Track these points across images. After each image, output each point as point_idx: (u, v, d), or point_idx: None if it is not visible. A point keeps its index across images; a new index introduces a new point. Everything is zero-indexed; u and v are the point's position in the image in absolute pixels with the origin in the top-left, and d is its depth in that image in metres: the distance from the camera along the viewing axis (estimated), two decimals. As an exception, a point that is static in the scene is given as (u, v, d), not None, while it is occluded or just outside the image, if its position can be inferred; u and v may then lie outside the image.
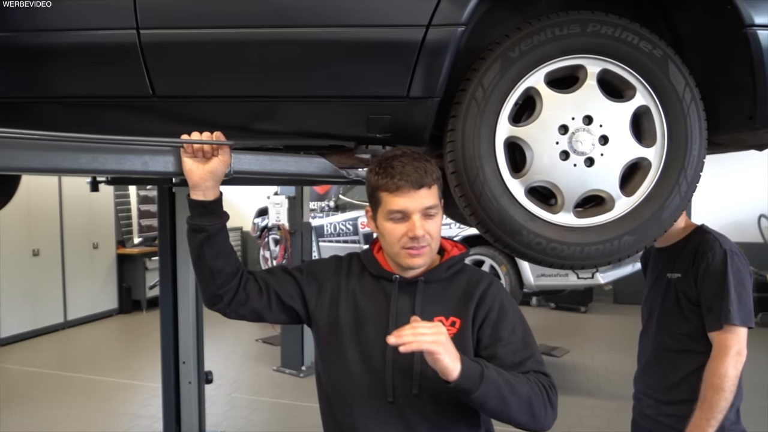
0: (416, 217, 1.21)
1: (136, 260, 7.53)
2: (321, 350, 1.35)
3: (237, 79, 1.44)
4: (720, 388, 1.58)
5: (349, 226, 5.68)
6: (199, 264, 1.27)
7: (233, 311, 1.32)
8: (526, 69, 1.41)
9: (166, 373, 3.50)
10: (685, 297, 1.71)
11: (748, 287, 1.63)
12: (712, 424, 1.59)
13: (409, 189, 1.21)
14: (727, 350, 1.59)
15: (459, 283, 1.32)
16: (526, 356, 1.22)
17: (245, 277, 1.32)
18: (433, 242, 1.26)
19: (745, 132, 1.55)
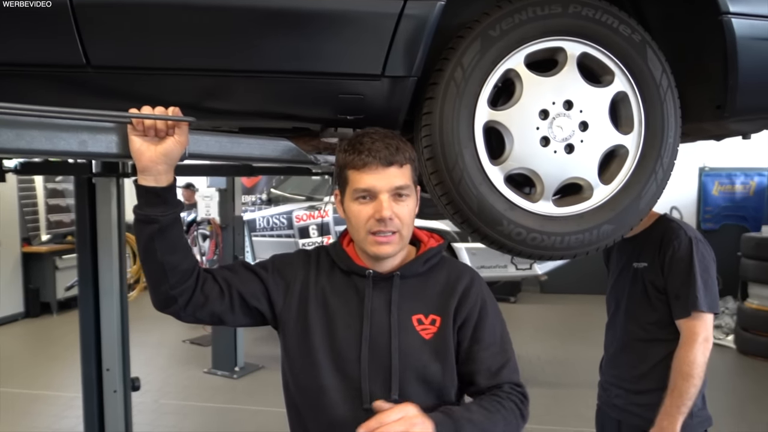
0: (384, 197, 1.11)
1: (45, 259, 6.89)
2: (289, 355, 1.21)
3: (187, 49, 1.26)
4: (689, 375, 1.60)
5: (284, 219, 5.46)
6: (149, 260, 1.10)
7: (189, 315, 1.16)
8: (506, 49, 1.33)
9: (87, 382, 3.19)
10: (652, 286, 1.71)
11: (713, 274, 1.65)
12: (682, 411, 1.60)
13: (377, 166, 1.10)
14: (695, 337, 1.61)
15: (438, 277, 1.22)
16: (503, 362, 1.17)
17: (202, 276, 1.16)
18: (404, 229, 1.14)
19: (710, 121, 1.57)
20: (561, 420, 3.72)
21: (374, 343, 1.14)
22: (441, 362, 1.15)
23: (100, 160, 2.78)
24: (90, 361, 3.19)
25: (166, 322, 6.55)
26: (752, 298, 5.41)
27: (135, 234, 1.09)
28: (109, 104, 1.13)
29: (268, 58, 1.26)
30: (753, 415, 3.88)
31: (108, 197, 3.19)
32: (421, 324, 1.16)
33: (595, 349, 5.78)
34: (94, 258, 3.19)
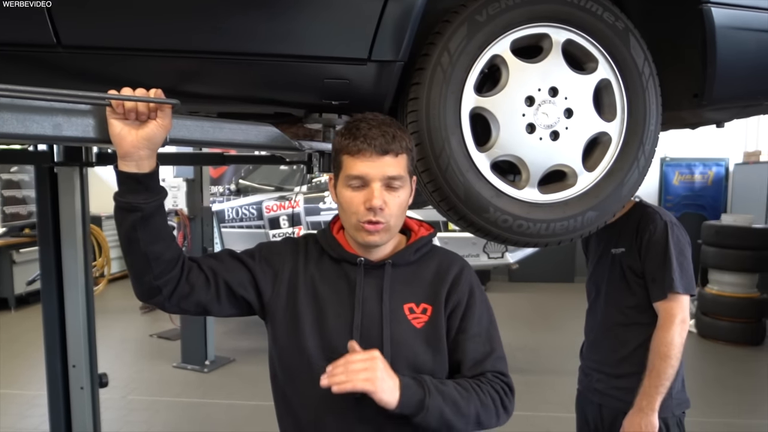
0: (376, 185, 1.09)
1: (1, 253, 6.61)
2: (278, 345, 1.18)
3: (164, 29, 1.20)
4: (667, 355, 1.64)
5: (253, 210, 5.37)
6: (132, 250, 1.05)
7: (174, 305, 1.12)
8: (493, 35, 1.32)
9: (52, 379, 3.08)
10: (630, 270, 1.75)
11: (688, 256, 1.69)
12: (660, 391, 1.64)
13: (371, 153, 1.08)
14: (672, 318, 1.65)
15: (429, 266, 1.21)
16: (488, 352, 1.16)
17: (187, 265, 1.12)
18: (393, 219, 1.13)
19: (688, 110, 1.60)
20: (532, 406, 3.78)
21: (365, 332, 1.12)
22: (432, 351, 1.14)
23: (76, 144, 2.66)
24: (55, 358, 3.08)
25: (131, 316, 6.41)
26: (712, 284, 5.60)
27: (116, 222, 1.04)
28: (82, 88, 1.06)
29: (251, 39, 1.21)
30: (716, 396, 4.03)
31: (71, 187, 3.07)
32: (413, 313, 1.15)
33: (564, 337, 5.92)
34: (57, 251, 3.07)
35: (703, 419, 3.54)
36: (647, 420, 1.65)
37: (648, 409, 1.65)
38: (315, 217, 5.17)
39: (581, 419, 1.95)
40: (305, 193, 5.34)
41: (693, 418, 1.82)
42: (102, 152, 3.13)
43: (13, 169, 7.29)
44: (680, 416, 1.76)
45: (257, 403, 3.92)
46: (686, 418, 1.79)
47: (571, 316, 6.53)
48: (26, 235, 6.97)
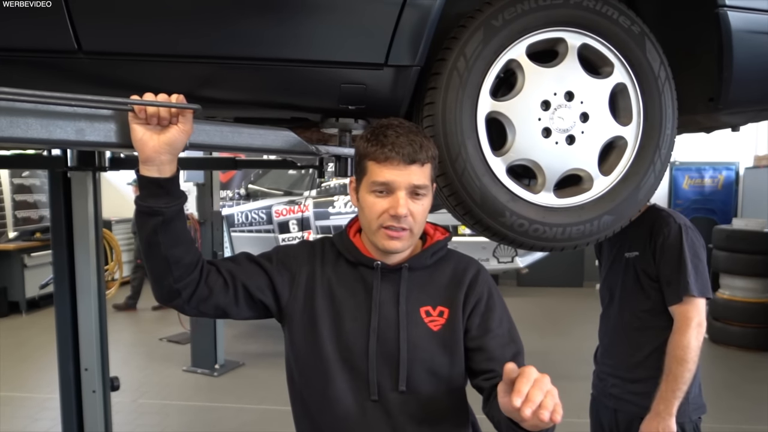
0: (401, 194, 1.09)
1: (13, 257, 6.66)
2: (295, 347, 1.19)
3: (184, 35, 1.21)
4: (684, 359, 1.62)
5: (263, 215, 5.39)
6: (152, 254, 1.06)
7: (193, 308, 1.13)
8: (509, 39, 1.33)
9: (64, 382, 3.09)
10: (645, 274, 1.74)
11: (703, 259, 1.68)
12: (677, 396, 1.63)
13: (399, 162, 1.08)
14: (688, 322, 1.63)
15: (445, 269, 1.22)
16: (515, 352, 1.15)
17: (206, 269, 1.13)
18: (416, 227, 1.13)
19: (703, 114, 1.59)
20: (543, 411, 3.76)
21: (382, 335, 1.12)
22: (449, 354, 1.15)
23: (98, 149, 2.69)
24: (67, 361, 3.10)
25: (141, 320, 6.43)
26: (723, 289, 5.56)
27: (138, 226, 1.06)
28: (102, 93, 1.08)
29: (269, 45, 1.22)
30: (727, 402, 3.99)
31: (84, 192, 3.09)
32: (429, 316, 1.15)
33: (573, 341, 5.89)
34: (71, 255, 3.09)
35: (714, 425, 3.51)
36: (665, 424, 1.64)
37: (665, 413, 1.64)
38: (324, 222, 5.18)
39: (596, 424, 1.94)
40: (314, 197, 5.35)
41: (705, 424, 1.80)
42: (115, 157, 3.16)
43: (25, 174, 7.35)
44: (697, 421, 1.75)
45: (267, 407, 3.93)
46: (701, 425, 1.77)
47: (580, 320, 6.50)
48: (37, 239, 7.02)
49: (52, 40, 1.14)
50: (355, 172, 1.16)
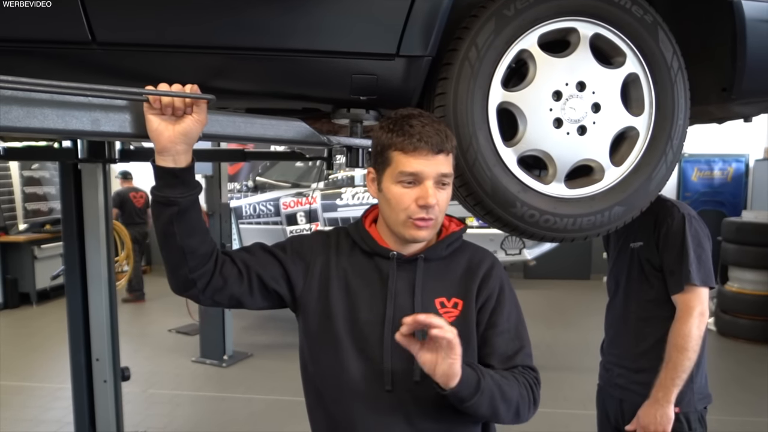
0: (429, 183, 1.09)
1: (23, 249, 6.73)
2: (309, 337, 1.20)
3: (196, 26, 1.22)
4: (684, 348, 1.62)
5: (270, 206, 5.40)
6: (168, 244, 1.07)
7: (208, 298, 1.14)
8: (521, 29, 1.32)
9: (76, 372, 3.13)
10: (649, 263, 1.74)
11: (707, 249, 1.68)
12: (677, 384, 1.63)
13: (428, 152, 1.08)
14: (690, 311, 1.64)
15: (460, 261, 1.22)
16: (518, 348, 1.17)
17: (221, 259, 1.14)
18: (440, 216, 1.14)
19: (715, 104, 1.58)
20: (551, 403, 3.77)
21: (397, 325, 1.13)
22: (463, 345, 1.12)
23: (114, 140, 2.70)
24: (79, 351, 3.14)
25: (151, 311, 6.48)
26: (732, 282, 5.54)
27: (153, 216, 1.07)
28: (116, 84, 1.09)
29: (281, 36, 1.23)
30: (735, 395, 3.99)
31: (94, 183, 3.11)
32: (444, 307, 1.16)
33: (580, 333, 5.88)
34: (81, 246, 3.12)
35: (722, 417, 3.51)
36: (662, 411, 1.65)
37: (664, 400, 1.64)
38: (332, 214, 5.19)
39: (602, 414, 1.95)
40: (322, 189, 5.36)
41: (712, 416, 1.81)
42: (125, 149, 3.17)
43: (35, 166, 7.41)
44: (702, 412, 1.75)
45: (276, 398, 3.96)
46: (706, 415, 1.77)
47: (587, 312, 6.50)
48: (47, 231, 7.08)
49: (67, 31, 1.14)
50: (376, 162, 1.15)
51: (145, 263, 8.73)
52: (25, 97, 0.94)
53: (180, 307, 5.55)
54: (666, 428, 1.66)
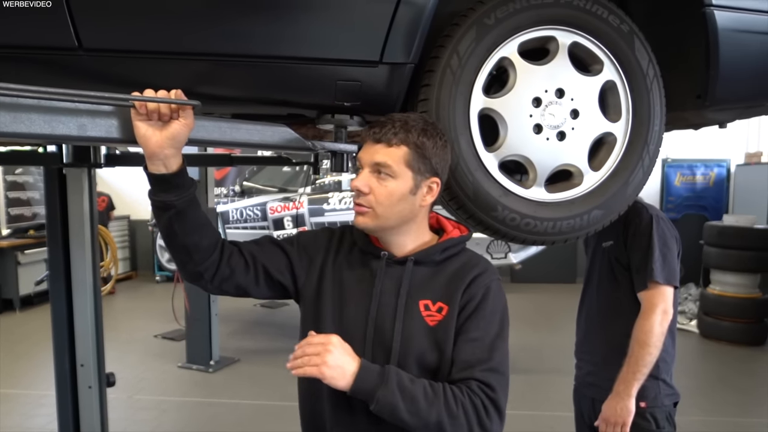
0: (365, 170, 1.15)
1: (6, 254, 6.65)
2: (304, 328, 1.22)
3: (181, 33, 1.24)
4: (645, 343, 1.67)
5: (257, 211, 5.40)
6: (172, 243, 1.12)
7: (216, 287, 1.20)
8: (501, 37, 1.36)
9: (60, 378, 3.10)
10: (617, 262, 1.80)
11: (673, 250, 1.73)
12: (638, 378, 1.68)
13: (368, 141, 1.16)
14: (653, 308, 1.68)
15: (452, 266, 1.20)
16: (481, 359, 1.09)
17: (227, 250, 1.19)
18: (379, 207, 1.13)
19: (691, 110, 1.63)
20: (536, 405, 3.81)
21: (380, 324, 1.15)
22: (440, 351, 1.13)
23: (100, 145, 2.70)
24: (63, 357, 3.10)
25: (136, 317, 6.42)
26: (714, 284, 5.63)
27: (154, 219, 1.11)
28: (102, 90, 1.10)
29: (266, 42, 1.25)
30: (717, 395, 4.05)
31: (80, 188, 3.10)
32: (428, 310, 1.16)
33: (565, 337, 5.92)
34: (66, 252, 3.10)
35: (705, 418, 3.56)
36: (623, 404, 1.70)
37: (624, 393, 1.69)
38: (319, 218, 5.20)
39: (577, 414, 1.99)
40: (309, 194, 5.37)
41: (694, 417, 1.85)
42: (110, 154, 3.16)
43: (18, 171, 7.32)
44: (670, 409, 1.79)
45: (263, 403, 3.95)
46: (688, 418, 1.81)
47: (572, 316, 6.48)
48: (31, 236, 7.00)
49: (53, 37, 1.16)
50: None
51: (131, 268, 8.68)
52: (11, 103, 0.95)
53: (166, 312, 5.51)
54: (626, 420, 1.71)
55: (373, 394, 1.03)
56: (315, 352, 1.03)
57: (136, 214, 8.60)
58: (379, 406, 1.03)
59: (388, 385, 1.03)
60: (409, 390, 1.04)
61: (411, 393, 1.03)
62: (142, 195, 1.08)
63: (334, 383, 1.03)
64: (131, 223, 8.69)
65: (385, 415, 1.04)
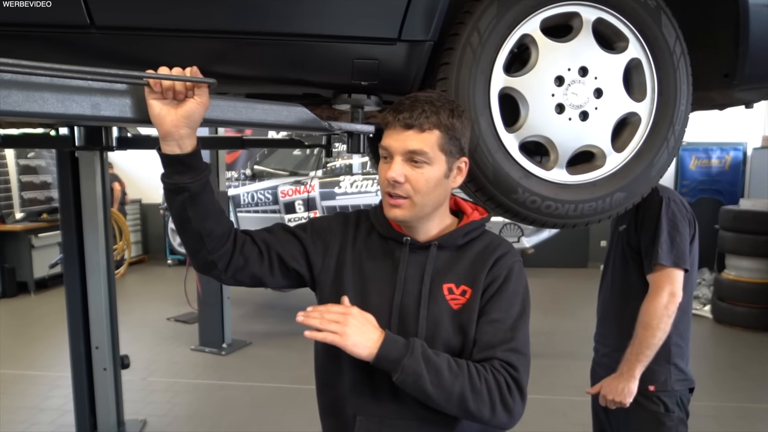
0: (397, 159, 1.09)
1: (20, 238, 6.70)
2: None
3: (196, 10, 1.21)
4: (649, 325, 1.65)
5: (269, 195, 5.39)
6: (184, 229, 1.08)
7: (230, 277, 1.16)
8: (523, 14, 1.31)
9: (76, 360, 3.14)
10: (629, 246, 1.78)
11: (683, 232, 1.68)
12: (641, 360, 1.67)
13: (396, 127, 1.09)
14: (658, 290, 1.66)
15: (475, 249, 1.18)
16: (504, 340, 1.08)
17: (240, 239, 1.15)
18: (417, 196, 1.10)
19: (718, 90, 1.58)
20: (548, 390, 3.80)
21: (404, 310, 1.13)
22: (464, 334, 1.12)
23: (114, 125, 2.68)
24: (78, 340, 3.14)
25: (149, 300, 6.48)
26: (729, 269, 5.56)
27: (167, 203, 1.07)
28: (115, 68, 1.08)
29: (282, 20, 1.21)
30: (731, 381, 4.02)
31: (92, 171, 3.10)
32: (452, 294, 1.14)
33: (577, 321, 5.90)
34: (80, 235, 3.12)
35: (717, 403, 3.53)
36: (624, 384, 1.69)
37: (627, 374, 1.69)
38: (330, 202, 5.18)
39: (593, 395, 1.97)
40: (320, 177, 5.35)
41: (707, 402, 1.83)
42: (122, 136, 3.15)
43: (30, 155, 7.37)
44: (681, 394, 1.77)
45: (275, 386, 3.98)
46: (700, 403, 1.79)
47: (584, 301, 6.51)
48: (44, 219, 7.06)
49: (65, 15, 1.13)
50: None
51: (143, 252, 8.74)
52: (24, 81, 0.92)
53: (179, 295, 5.55)
54: (625, 401, 1.70)
55: (398, 362, 1.01)
56: (334, 319, 1.01)
57: (148, 198, 8.62)
58: (404, 375, 1.01)
59: (413, 354, 1.01)
60: (434, 361, 1.03)
61: (436, 364, 1.02)
62: (154, 179, 1.06)
63: (356, 351, 1.01)
64: (143, 207, 8.72)
65: (408, 385, 1.02)
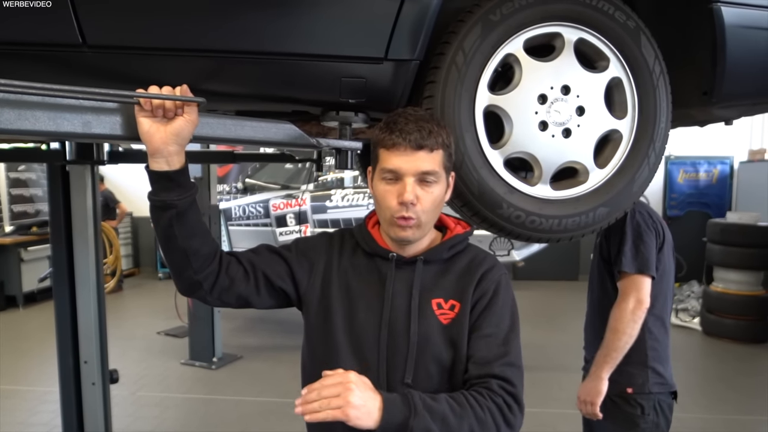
0: (409, 180, 1.09)
1: (9, 251, 6.66)
2: (309, 336, 1.21)
3: (189, 29, 1.23)
4: (616, 329, 1.75)
5: (260, 208, 5.40)
6: (170, 247, 1.08)
7: (216, 298, 1.16)
8: (506, 34, 1.35)
9: (64, 375, 3.11)
10: (601, 257, 1.87)
11: (647, 241, 1.75)
12: (608, 361, 1.76)
13: (406, 148, 1.08)
14: (624, 297, 1.75)
15: (461, 263, 1.20)
16: (499, 355, 1.10)
17: (225, 259, 1.16)
18: (424, 215, 1.12)
19: (697, 107, 1.62)
20: (539, 403, 3.80)
21: (393, 326, 1.13)
22: (454, 348, 1.13)
23: (105, 142, 2.69)
24: (67, 354, 3.12)
25: (139, 314, 6.43)
26: (717, 282, 5.61)
27: (153, 221, 1.08)
28: (106, 86, 1.10)
29: (271, 39, 1.24)
30: (719, 393, 4.04)
31: (83, 185, 3.10)
32: (441, 308, 1.15)
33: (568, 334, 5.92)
34: (69, 249, 3.11)
35: (706, 415, 3.55)
36: (592, 385, 1.79)
37: (595, 375, 1.78)
38: (322, 215, 5.20)
39: None
40: (312, 191, 5.37)
41: (695, 414, 1.86)
42: (113, 150, 3.17)
43: (21, 168, 7.34)
44: (660, 397, 1.81)
45: (266, 399, 3.96)
46: (689, 414, 1.83)
47: (575, 313, 6.52)
48: (34, 233, 7.01)
49: (57, 34, 1.15)
50: (371, 160, 1.17)
51: (134, 265, 8.70)
52: (16, 100, 0.94)
53: (169, 309, 5.52)
54: (594, 400, 1.79)
55: (405, 426, 0.97)
56: (335, 393, 0.94)
57: (139, 211, 8.60)
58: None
59: (417, 413, 0.98)
60: (438, 410, 1.01)
61: (440, 413, 1.00)
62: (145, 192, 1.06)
63: (359, 424, 0.95)
64: (134, 220, 8.69)
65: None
